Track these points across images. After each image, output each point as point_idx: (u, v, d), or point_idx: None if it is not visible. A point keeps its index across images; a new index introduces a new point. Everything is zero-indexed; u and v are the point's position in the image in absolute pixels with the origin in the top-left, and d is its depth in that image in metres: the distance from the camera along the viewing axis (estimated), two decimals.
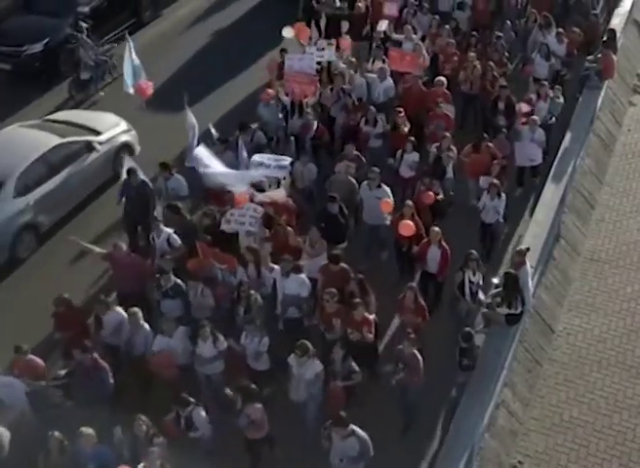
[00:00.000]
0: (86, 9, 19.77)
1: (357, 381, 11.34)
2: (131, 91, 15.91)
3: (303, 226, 13.62)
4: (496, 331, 12.44)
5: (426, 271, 13.23)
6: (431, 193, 13.80)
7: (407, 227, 12.91)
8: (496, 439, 12.03)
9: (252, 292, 12.07)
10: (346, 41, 17.74)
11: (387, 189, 13.95)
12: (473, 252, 12.71)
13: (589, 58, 18.25)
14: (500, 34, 17.78)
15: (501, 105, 16.09)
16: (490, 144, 14.95)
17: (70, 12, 19.64)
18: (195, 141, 14.91)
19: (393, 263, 14.10)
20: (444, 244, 12.88)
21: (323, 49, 16.86)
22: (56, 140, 15.09)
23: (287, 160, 14.32)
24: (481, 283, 12.71)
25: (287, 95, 16.26)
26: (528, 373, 13.12)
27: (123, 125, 16.27)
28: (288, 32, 17.79)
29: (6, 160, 14.49)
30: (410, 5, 18.83)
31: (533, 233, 14.35)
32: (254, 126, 15.37)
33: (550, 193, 15.20)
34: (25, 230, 14.43)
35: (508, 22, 18.51)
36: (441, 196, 14.09)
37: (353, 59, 17.17)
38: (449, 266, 12.96)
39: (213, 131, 15.38)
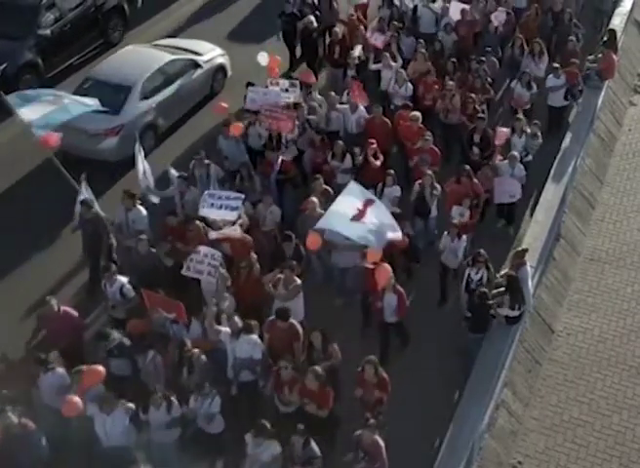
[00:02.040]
0: (47, 31, 18.89)
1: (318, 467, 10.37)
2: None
3: (265, 267, 12.87)
4: (496, 331, 12.46)
5: (385, 321, 12.32)
6: (405, 237, 12.71)
7: (383, 274, 11.75)
8: (496, 439, 12.07)
9: (195, 350, 11.19)
10: (309, 74, 17.06)
11: None
12: (481, 251, 12.68)
13: (590, 57, 18.23)
14: (483, 59, 16.92)
15: (477, 138, 15.22)
16: (475, 180, 14.09)
17: (30, 35, 18.64)
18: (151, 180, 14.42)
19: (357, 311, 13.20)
20: (399, 288, 12.11)
21: (287, 90, 15.92)
22: (170, 57, 17.78)
23: (239, 199, 13.13)
24: (483, 282, 12.59)
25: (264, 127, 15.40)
26: (528, 373, 13.15)
27: (218, 50, 18.91)
28: (263, 59, 16.59)
29: (132, 69, 17.22)
30: (392, 28, 17.96)
31: (533, 233, 14.39)
32: (207, 161, 14.58)
33: (550, 193, 15.24)
34: (148, 129, 16.85)
35: (489, 49, 17.53)
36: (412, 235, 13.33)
37: (332, 93, 16.08)
38: (407, 307, 12.30)
39: (172, 171, 14.59)
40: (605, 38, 18.42)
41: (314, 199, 13.50)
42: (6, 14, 18.88)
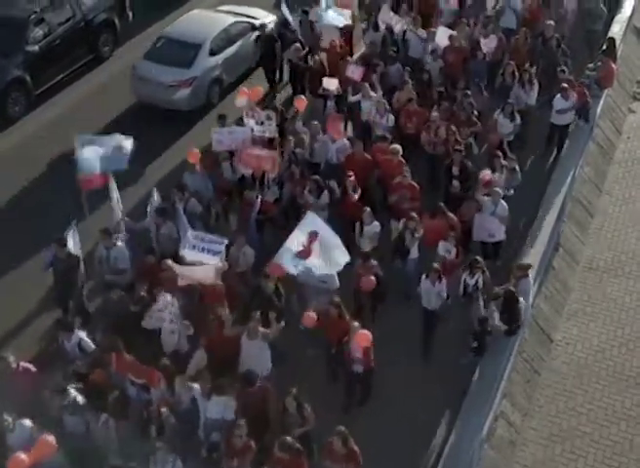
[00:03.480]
0: (35, 47, 18.71)
1: None
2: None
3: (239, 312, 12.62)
4: (494, 343, 12.66)
5: (352, 371, 11.97)
6: (372, 278, 12.50)
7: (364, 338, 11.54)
8: (495, 449, 12.26)
9: (163, 409, 10.78)
10: (302, 101, 16.58)
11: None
12: (477, 258, 12.89)
13: (589, 65, 18.34)
14: (468, 92, 16.29)
15: (456, 170, 14.67)
16: (450, 215, 13.62)
17: (18, 51, 18.47)
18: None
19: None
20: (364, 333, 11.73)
21: (262, 123, 15.55)
22: (233, 19, 19.99)
23: (222, 244, 12.78)
24: (479, 286, 12.69)
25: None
26: (527, 383, 13.37)
27: (272, 16, 20.68)
28: (241, 101, 16.46)
29: (201, 29, 19.42)
30: (382, 54, 17.86)
31: (532, 242, 14.47)
32: (187, 193, 14.19)
33: (549, 202, 15.30)
34: (215, 82, 19.09)
35: (478, 81, 17.06)
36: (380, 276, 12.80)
37: (315, 123, 15.71)
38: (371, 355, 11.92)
39: (155, 196, 14.18)
40: (604, 46, 18.50)
41: None
42: None
